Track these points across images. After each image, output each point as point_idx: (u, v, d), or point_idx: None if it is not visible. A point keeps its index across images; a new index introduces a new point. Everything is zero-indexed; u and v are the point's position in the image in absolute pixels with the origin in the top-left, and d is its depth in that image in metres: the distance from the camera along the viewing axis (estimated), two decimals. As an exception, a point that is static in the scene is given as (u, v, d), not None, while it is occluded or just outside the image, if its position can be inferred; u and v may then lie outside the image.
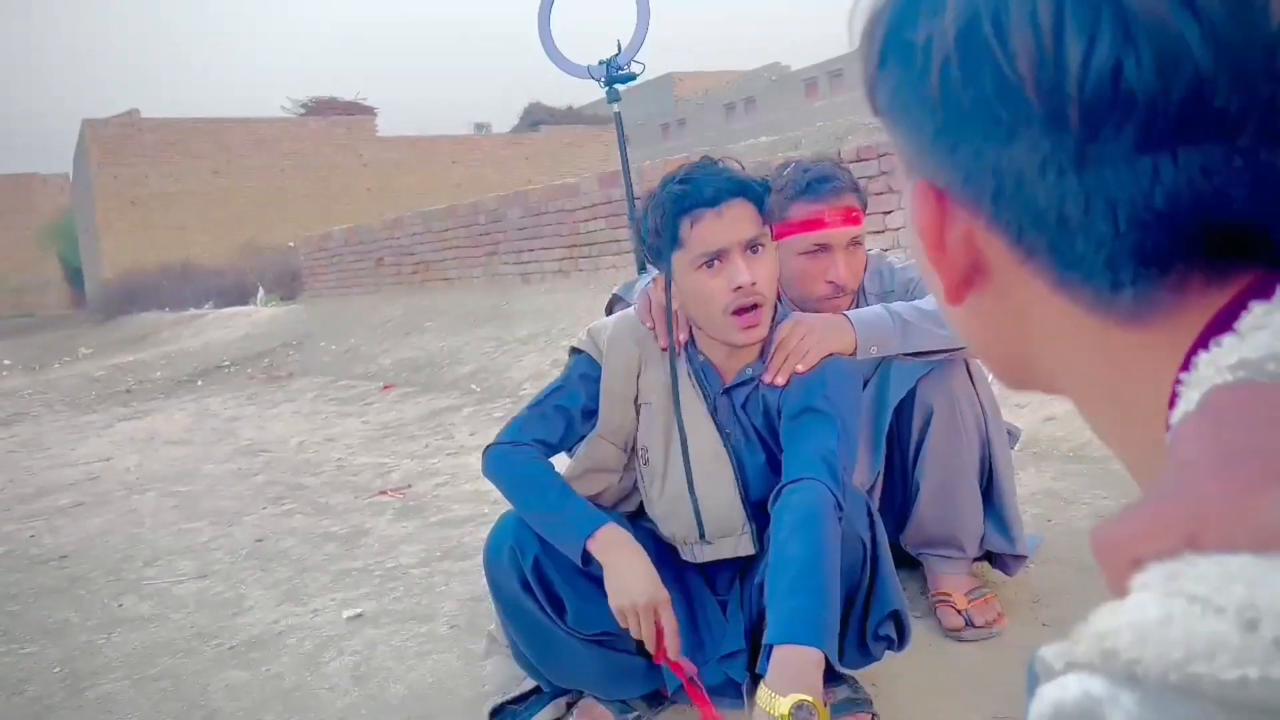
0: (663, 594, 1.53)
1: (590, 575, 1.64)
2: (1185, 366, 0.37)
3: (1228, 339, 0.35)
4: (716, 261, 1.54)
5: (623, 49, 3.33)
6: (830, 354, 1.67)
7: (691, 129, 28.01)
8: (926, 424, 1.96)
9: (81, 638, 2.57)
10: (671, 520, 1.72)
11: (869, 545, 1.61)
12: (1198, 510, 0.30)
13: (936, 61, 0.40)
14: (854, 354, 1.70)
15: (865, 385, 2.00)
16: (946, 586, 2.01)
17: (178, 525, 3.65)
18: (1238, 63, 0.35)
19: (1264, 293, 0.36)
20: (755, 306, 1.56)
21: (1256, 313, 0.35)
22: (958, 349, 1.81)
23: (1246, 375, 0.33)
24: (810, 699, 1.27)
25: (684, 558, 1.75)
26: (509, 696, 1.77)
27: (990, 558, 2.06)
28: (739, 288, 1.54)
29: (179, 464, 4.90)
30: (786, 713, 1.26)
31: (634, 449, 1.75)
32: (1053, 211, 0.39)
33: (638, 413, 1.72)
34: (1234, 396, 0.33)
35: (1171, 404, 0.37)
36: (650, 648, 1.53)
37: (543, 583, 1.62)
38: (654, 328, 1.69)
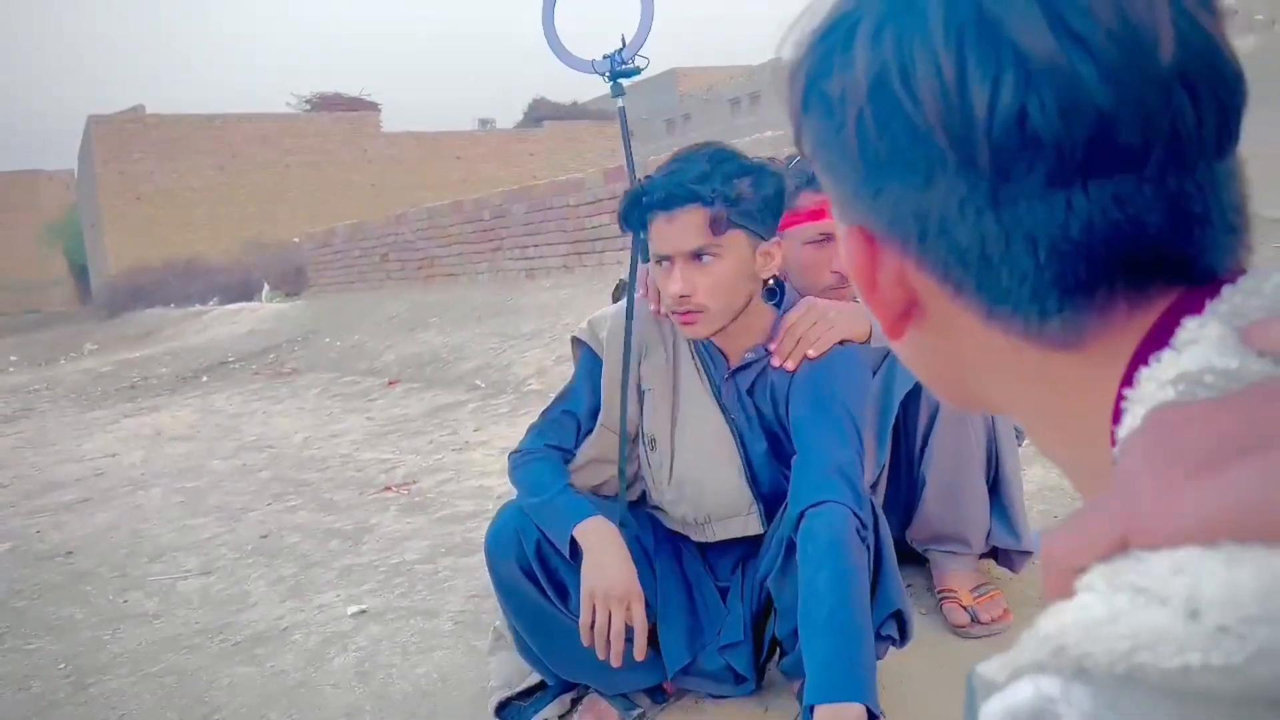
0: (638, 590, 1.55)
1: None
2: (1128, 382, 0.38)
3: (1166, 354, 0.36)
4: (666, 262, 1.56)
5: (627, 44, 3.32)
6: (842, 340, 1.65)
7: (696, 124, 27.94)
8: (932, 418, 1.95)
9: (86, 634, 2.57)
10: (680, 504, 1.73)
11: (872, 545, 1.60)
12: (1129, 510, 0.31)
13: (851, 114, 0.41)
14: (867, 341, 1.69)
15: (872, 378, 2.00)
16: (952, 583, 2.00)
17: (182, 521, 3.65)
18: (1136, 100, 0.36)
19: (1193, 308, 0.37)
20: (693, 312, 1.56)
21: (1190, 328, 0.36)
22: None
23: (1186, 388, 0.34)
24: None
25: (695, 539, 1.76)
26: (514, 691, 1.77)
27: (996, 554, 2.05)
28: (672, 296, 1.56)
29: (184, 460, 4.91)
30: None
31: (638, 437, 1.74)
32: (975, 250, 0.40)
33: (640, 401, 1.72)
34: (1173, 415, 0.34)
35: (1116, 419, 0.38)
36: (613, 647, 1.53)
37: (546, 568, 1.63)
38: (657, 310, 1.69)
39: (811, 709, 1.36)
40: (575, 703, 1.77)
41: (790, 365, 1.64)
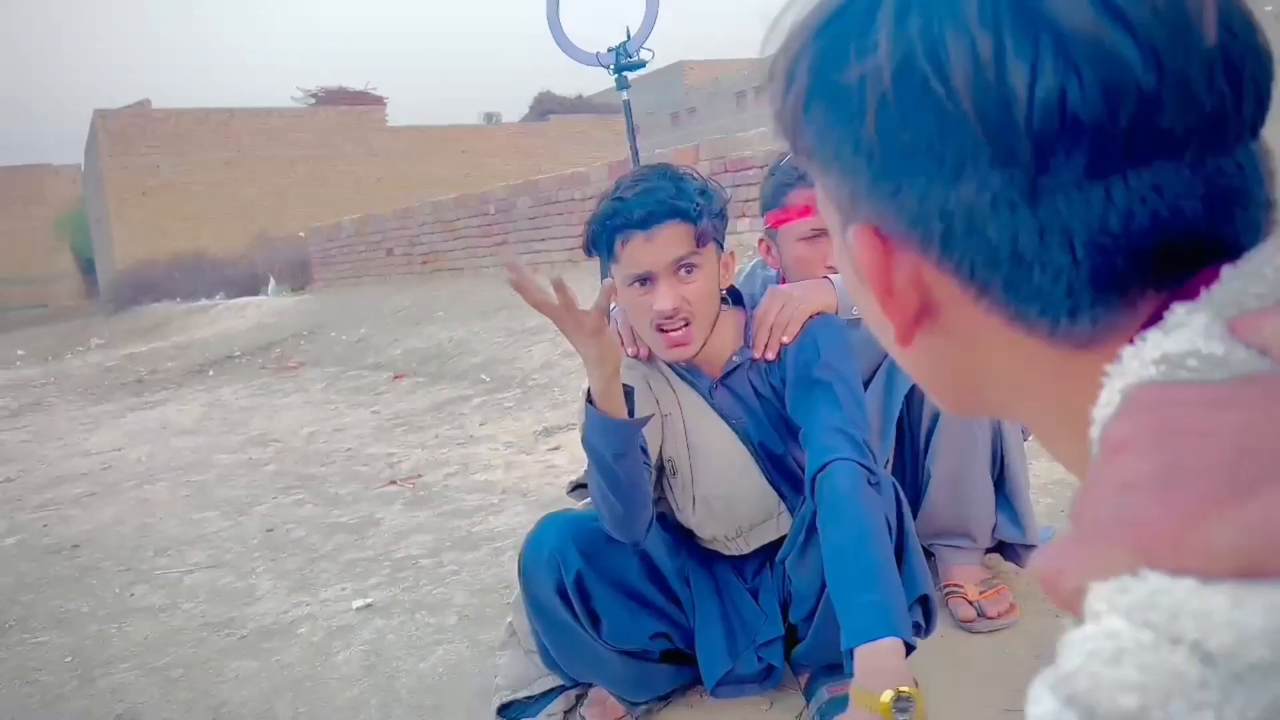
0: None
1: (631, 592, 1.66)
2: None
3: (1152, 334, 0.34)
4: (647, 281, 1.55)
5: (631, 36, 3.31)
6: (813, 315, 1.67)
7: (702, 117, 27.89)
8: (936, 414, 1.95)
9: (93, 627, 2.58)
10: (709, 523, 1.73)
11: (894, 529, 1.60)
12: (1143, 537, 0.29)
13: (872, 103, 0.38)
14: (836, 313, 1.71)
15: (875, 372, 1.99)
16: (958, 578, 1.99)
17: (189, 515, 3.66)
18: (1179, 82, 0.34)
19: (1189, 294, 0.35)
20: (684, 325, 1.55)
21: (1179, 312, 0.34)
22: None
23: (1168, 370, 0.33)
24: (907, 689, 1.29)
25: (730, 553, 1.76)
26: (519, 696, 1.77)
27: (1002, 549, 2.05)
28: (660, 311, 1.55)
29: (190, 454, 4.92)
30: (887, 703, 1.27)
31: (662, 465, 1.74)
32: (1006, 247, 0.38)
33: (661, 426, 1.71)
34: (1157, 398, 0.32)
35: None
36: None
37: (583, 596, 1.62)
38: (634, 354, 1.69)
39: (851, 654, 1.36)
40: (580, 698, 1.77)
41: (770, 355, 1.66)
